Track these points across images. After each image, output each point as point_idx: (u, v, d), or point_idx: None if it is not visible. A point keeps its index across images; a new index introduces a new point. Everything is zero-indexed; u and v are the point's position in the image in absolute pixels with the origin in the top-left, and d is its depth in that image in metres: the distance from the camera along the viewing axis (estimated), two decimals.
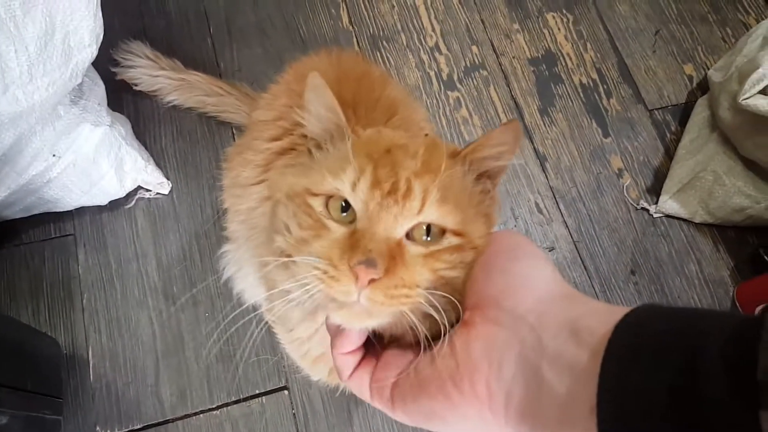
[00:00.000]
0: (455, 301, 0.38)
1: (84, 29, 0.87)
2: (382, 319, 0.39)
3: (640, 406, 0.26)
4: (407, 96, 0.83)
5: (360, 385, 0.41)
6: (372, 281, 0.36)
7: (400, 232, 0.40)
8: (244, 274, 0.90)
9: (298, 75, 0.80)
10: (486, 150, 0.44)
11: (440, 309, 0.37)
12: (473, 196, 0.45)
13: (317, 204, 0.42)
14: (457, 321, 0.38)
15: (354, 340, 0.41)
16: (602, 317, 0.31)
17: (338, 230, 0.41)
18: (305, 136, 0.50)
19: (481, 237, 0.42)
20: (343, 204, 0.41)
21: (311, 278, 0.38)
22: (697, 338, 0.26)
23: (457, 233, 0.41)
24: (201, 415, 0.99)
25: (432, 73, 1.26)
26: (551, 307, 0.33)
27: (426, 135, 0.56)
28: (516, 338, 0.33)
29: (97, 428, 0.97)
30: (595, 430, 0.27)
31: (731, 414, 0.24)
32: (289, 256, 0.42)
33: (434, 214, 0.40)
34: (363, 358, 0.42)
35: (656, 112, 1.29)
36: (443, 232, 0.41)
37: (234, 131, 1.14)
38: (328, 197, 0.42)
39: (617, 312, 0.31)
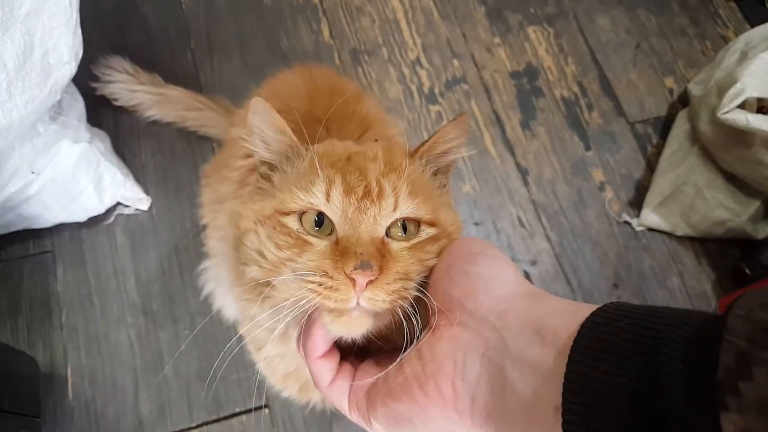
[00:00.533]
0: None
1: (63, 46, 0.87)
2: (380, 321, 0.40)
3: (603, 409, 0.26)
4: (381, 111, 0.83)
5: (339, 396, 0.41)
6: (369, 283, 0.38)
7: (381, 231, 0.41)
8: (224, 291, 0.90)
9: (273, 91, 0.81)
10: (440, 146, 0.47)
11: (431, 300, 0.38)
12: (434, 190, 0.48)
13: (292, 222, 0.42)
14: (425, 325, 0.38)
15: (326, 340, 0.41)
16: (567, 316, 0.31)
17: (320, 243, 0.41)
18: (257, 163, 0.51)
19: (452, 224, 0.44)
20: (316, 218, 0.42)
21: (305, 293, 0.39)
22: (659, 338, 0.26)
23: (431, 223, 0.43)
24: None
25: (413, 87, 1.26)
26: (513, 306, 0.34)
27: (376, 140, 0.56)
28: (479, 339, 0.33)
29: None
30: (560, 431, 0.27)
31: (692, 418, 0.24)
32: (266, 284, 0.42)
33: (409, 208, 0.42)
34: (341, 368, 0.42)
35: (637, 125, 1.30)
36: (418, 225, 0.43)
37: (214, 146, 1.13)
38: (301, 213, 0.43)
39: (582, 311, 0.31)
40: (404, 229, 0.43)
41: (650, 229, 1.22)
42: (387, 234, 0.42)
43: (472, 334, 0.34)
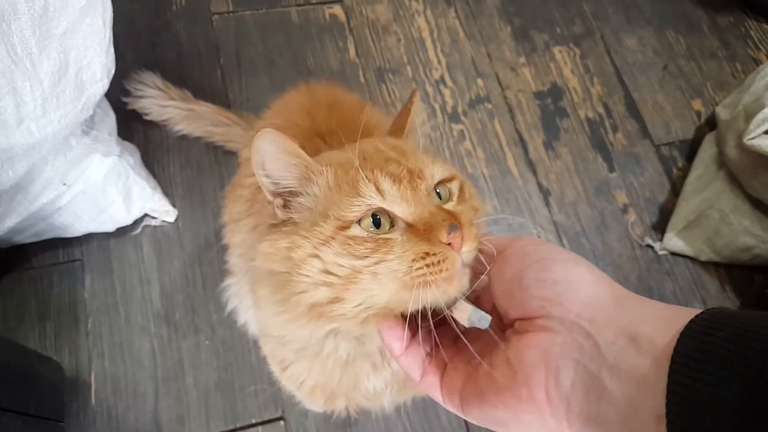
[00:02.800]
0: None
1: (96, 64, 0.90)
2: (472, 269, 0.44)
3: (709, 423, 0.26)
4: (383, 118, 0.83)
5: (431, 389, 0.43)
6: (462, 239, 0.42)
7: (435, 200, 0.46)
8: (246, 306, 0.91)
9: (280, 110, 0.83)
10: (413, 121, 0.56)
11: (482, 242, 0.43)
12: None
13: (358, 230, 0.44)
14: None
15: (400, 336, 0.43)
16: (661, 323, 0.31)
17: (398, 235, 0.43)
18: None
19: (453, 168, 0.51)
20: (373, 218, 0.44)
21: (419, 278, 0.41)
22: (766, 352, 0.26)
23: (452, 177, 0.49)
24: None
25: (437, 106, 1.27)
26: (602, 311, 0.33)
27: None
28: (573, 345, 0.33)
29: None
30: None
31: None
32: (330, 302, 0.44)
33: (439, 172, 0.47)
34: (429, 361, 0.44)
35: (663, 147, 1.29)
36: (443, 185, 0.48)
37: (240, 161, 1.16)
38: (359, 220, 0.44)
39: (676, 317, 0.30)
40: (438, 195, 0.47)
41: (673, 254, 1.20)
42: None
43: (565, 341, 0.33)
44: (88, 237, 1.09)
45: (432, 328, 0.43)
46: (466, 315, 0.42)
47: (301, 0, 1.32)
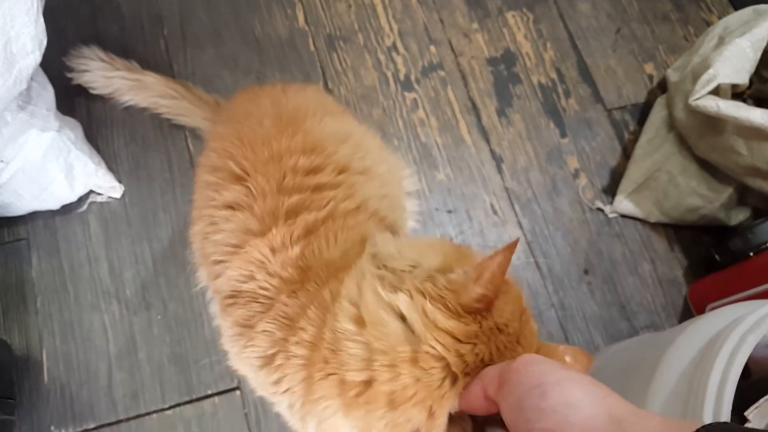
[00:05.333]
0: None
1: (26, 36, 0.88)
2: None
3: None
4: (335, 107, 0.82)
5: None
6: None
7: None
8: None
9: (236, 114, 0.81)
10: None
11: None
12: None
13: None
14: None
15: None
16: None
17: None
18: None
19: None
20: None
21: None
22: None
23: None
24: (154, 415, 1.01)
25: (389, 74, 1.26)
26: None
27: None
28: None
29: (52, 428, 0.99)
30: None
31: None
32: None
33: None
34: None
35: (615, 111, 1.29)
36: None
37: (186, 134, 1.14)
38: None
39: None
40: None
41: (623, 216, 1.22)
42: None
43: None
44: (33, 215, 1.07)
45: None
46: None
47: None
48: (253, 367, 0.60)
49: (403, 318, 0.47)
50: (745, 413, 0.65)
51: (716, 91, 1.09)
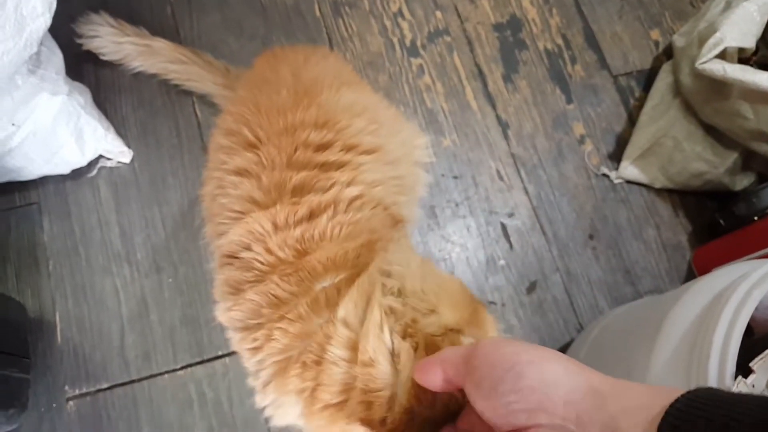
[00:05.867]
0: None
1: None
2: None
3: None
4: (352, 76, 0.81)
5: None
6: None
7: None
8: None
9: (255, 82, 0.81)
10: None
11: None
12: None
13: None
14: None
15: None
16: (640, 414, 0.31)
17: None
18: None
19: None
20: None
21: None
22: None
23: None
24: (165, 375, 1.03)
25: (395, 40, 1.26)
26: (582, 407, 0.33)
27: None
28: None
29: (66, 388, 1.01)
30: None
31: None
32: None
33: None
34: None
35: (620, 78, 1.29)
36: None
37: (194, 100, 1.15)
38: None
39: (655, 406, 0.31)
40: None
41: (628, 182, 1.23)
42: None
43: None
44: (44, 180, 1.08)
45: None
46: None
47: None
48: (234, 328, 0.63)
49: (396, 362, 0.48)
50: (750, 364, 0.66)
51: (722, 56, 1.09)
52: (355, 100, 0.78)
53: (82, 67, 1.13)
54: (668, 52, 1.31)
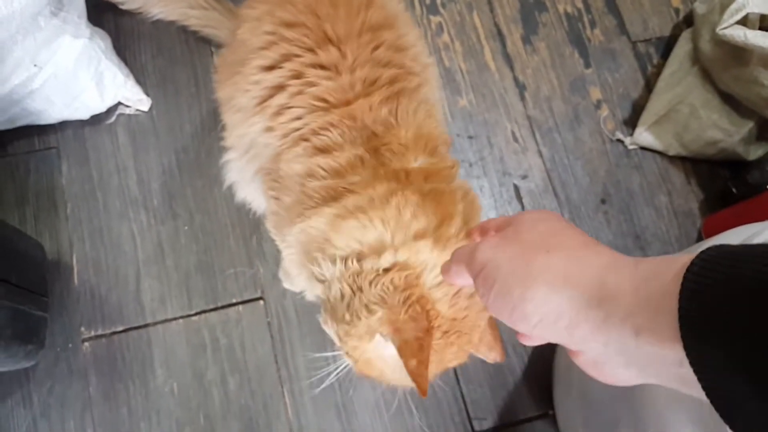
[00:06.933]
0: None
1: None
2: None
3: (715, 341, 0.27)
4: (391, 9, 0.79)
5: None
6: None
7: None
8: (246, 183, 0.90)
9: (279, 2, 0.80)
10: None
11: None
12: None
13: None
14: None
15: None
16: (671, 269, 0.31)
17: None
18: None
19: None
20: None
21: None
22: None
23: None
24: (180, 320, 1.05)
25: None
26: (588, 326, 0.34)
27: None
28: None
29: (82, 329, 1.03)
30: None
31: None
32: None
33: None
34: None
35: (639, 44, 1.29)
36: None
37: (213, 49, 1.15)
38: None
39: (678, 262, 0.31)
40: None
41: (643, 148, 1.23)
42: None
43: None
44: (63, 125, 1.09)
45: None
46: None
47: None
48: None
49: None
50: None
51: (744, 22, 1.08)
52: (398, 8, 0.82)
53: (102, 14, 1.13)
54: (688, 20, 1.31)
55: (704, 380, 0.28)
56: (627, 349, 0.32)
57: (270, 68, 0.74)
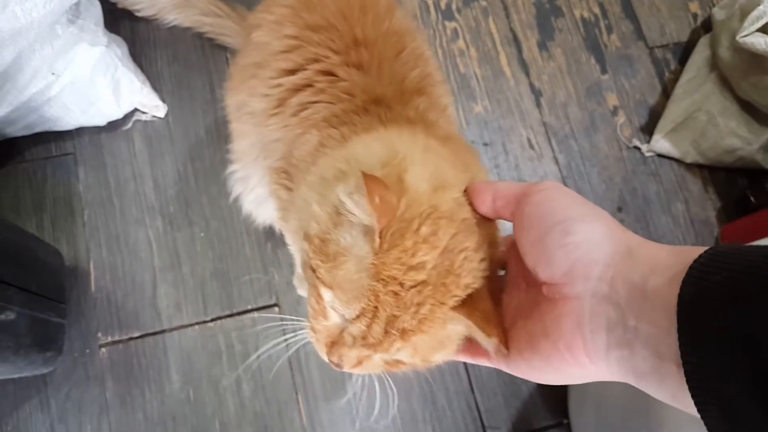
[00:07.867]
0: None
1: None
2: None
3: (717, 365, 0.28)
4: (408, 22, 0.81)
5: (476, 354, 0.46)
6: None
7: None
8: (252, 191, 0.90)
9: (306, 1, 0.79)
10: None
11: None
12: None
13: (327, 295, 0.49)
14: None
15: None
16: (669, 271, 0.32)
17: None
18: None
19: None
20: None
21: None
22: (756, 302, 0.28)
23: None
24: (196, 326, 1.05)
25: (430, 2, 1.24)
26: (619, 269, 0.34)
27: None
28: (600, 311, 0.35)
29: (99, 334, 1.04)
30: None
31: None
32: None
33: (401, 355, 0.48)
34: None
35: (656, 49, 1.27)
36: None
37: (228, 56, 1.15)
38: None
39: (681, 263, 0.32)
40: None
41: (659, 156, 1.22)
42: None
43: (592, 307, 0.35)
44: (80, 131, 1.09)
45: None
46: None
47: None
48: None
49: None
50: None
51: (765, 29, 1.07)
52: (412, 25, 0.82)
53: (119, 21, 1.13)
54: (706, 26, 1.29)
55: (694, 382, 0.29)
56: (635, 314, 0.33)
57: (292, 71, 0.74)
